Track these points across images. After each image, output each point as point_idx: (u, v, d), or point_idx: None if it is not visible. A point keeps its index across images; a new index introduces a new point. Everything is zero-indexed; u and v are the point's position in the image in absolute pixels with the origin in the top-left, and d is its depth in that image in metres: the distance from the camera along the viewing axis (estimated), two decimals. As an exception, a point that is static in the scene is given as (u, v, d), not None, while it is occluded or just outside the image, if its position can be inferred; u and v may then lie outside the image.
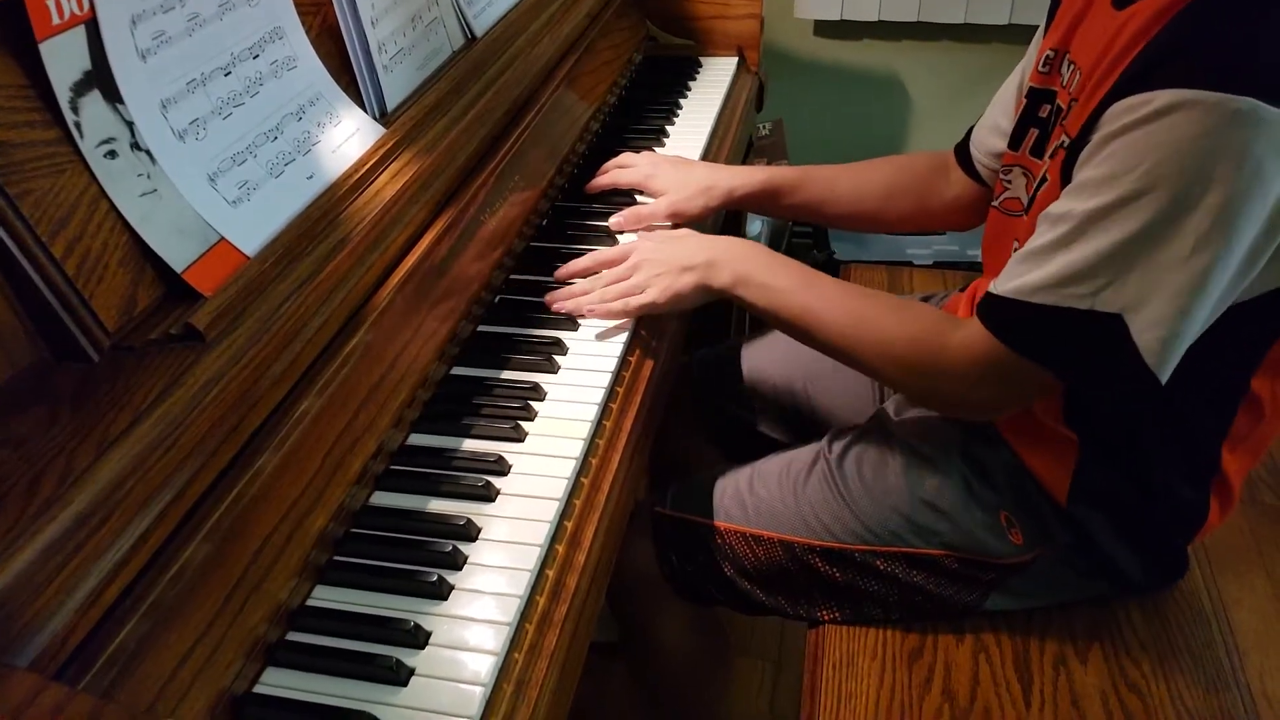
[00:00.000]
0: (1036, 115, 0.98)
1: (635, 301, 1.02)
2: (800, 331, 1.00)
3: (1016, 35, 2.18)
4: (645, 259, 1.04)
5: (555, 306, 1.05)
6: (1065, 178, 0.84)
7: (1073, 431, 0.96)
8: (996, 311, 0.86)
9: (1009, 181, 1.03)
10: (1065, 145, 0.86)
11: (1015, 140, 1.01)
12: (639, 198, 1.25)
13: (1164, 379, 0.80)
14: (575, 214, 1.24)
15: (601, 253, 1.10)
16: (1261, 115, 0.71)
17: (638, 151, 1.36)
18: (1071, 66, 0.91)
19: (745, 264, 1.02)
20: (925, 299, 1.30)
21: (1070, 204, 0.80)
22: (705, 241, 1.06)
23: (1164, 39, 0.77)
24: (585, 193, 1.26)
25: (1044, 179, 0.91)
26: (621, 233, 1.19)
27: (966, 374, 0.89)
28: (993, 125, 1.12)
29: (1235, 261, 0.77)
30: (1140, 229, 0.76)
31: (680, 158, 1.28)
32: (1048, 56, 0.96)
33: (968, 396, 0.92)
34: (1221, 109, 0.71)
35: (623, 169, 1.25)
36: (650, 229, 1.18)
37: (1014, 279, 0.85)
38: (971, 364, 0.89)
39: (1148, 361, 0.79)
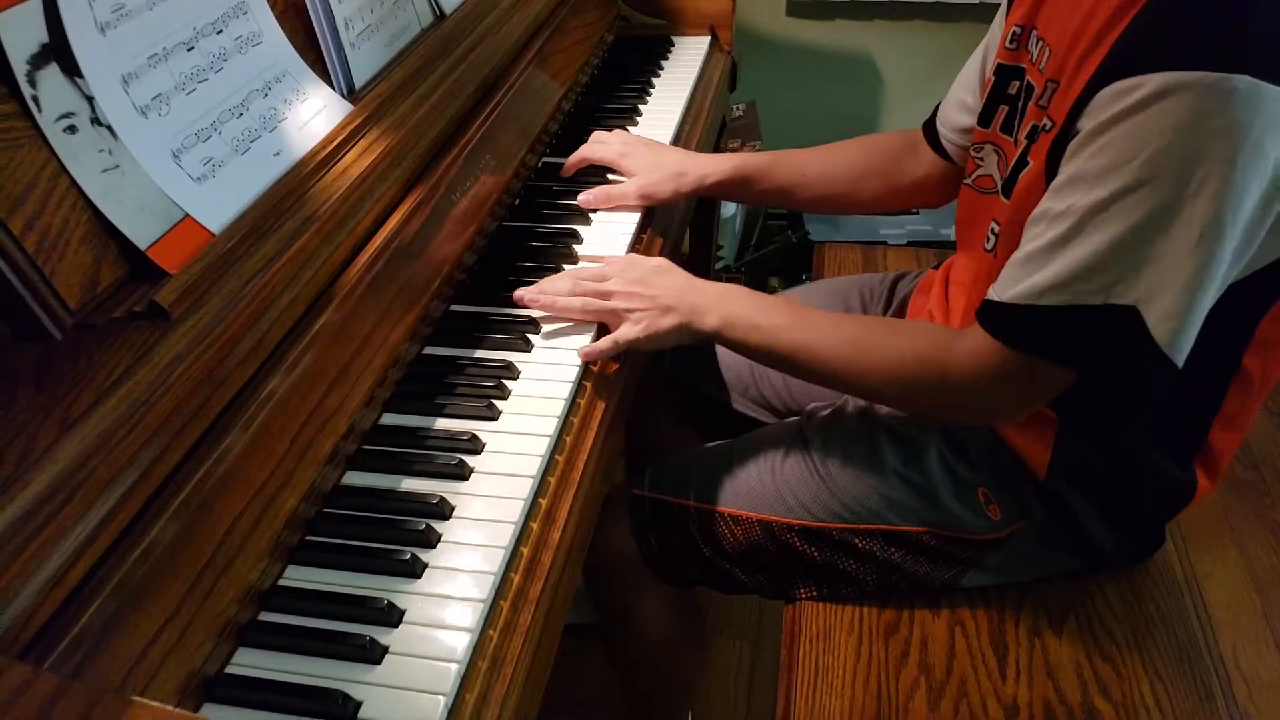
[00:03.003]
0: (1006, 92, 0.98)
1: (623, 337, 0.98)
2: (797, 366, 0.97)
3: (987, 14, 2.18)
4: (626, 289, 1.00)
5: (528, 301, 1.01)
6: (1051, 165, 0.82)
7: (1053, 409, 0.96)
8: (1003, 318, 0.84)
9: (980, 159, 1.03)
10: (1047, 129, 0.84)
11: (985, 117, 1.01)
12: (610, 177, 1.24)
13: (1180, 364, 0.79)
14: (548, 193, 1.23)
15: (580, 271, 1.05)
16: (1260, 92, 0.69)
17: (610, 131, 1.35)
18: (1040, 43, 0.91)
19: (731, 305, 0.98)
20: (899, 276, 1.30)
21: (1068, 199, 0.78)
22: (688, 283, 1.01)
23: (1148, 17, 0.75)
24: (560, 175, 1.25)
25: (1025, 161, 0.90)
26: (590, 209, 1.18)
27: (978, 385, 0.87)
28: (958, 102, 1.12)
29: (1235, 238, 0.75)
30: (1144, 219, 0.74)
31: (654, 140, 1.27)
32: (1014, 33, 0.96)
33: (980, 403, 0.90)
34: (1217, 89, 0.69)
35: (596, 144, 1.24)
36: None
37: (1018, 283, 0.82)
38: (982, 373, 0.86)
39: (1164, 349, 0.78)
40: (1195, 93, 0.69)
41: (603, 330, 1.02)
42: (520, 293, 1.02)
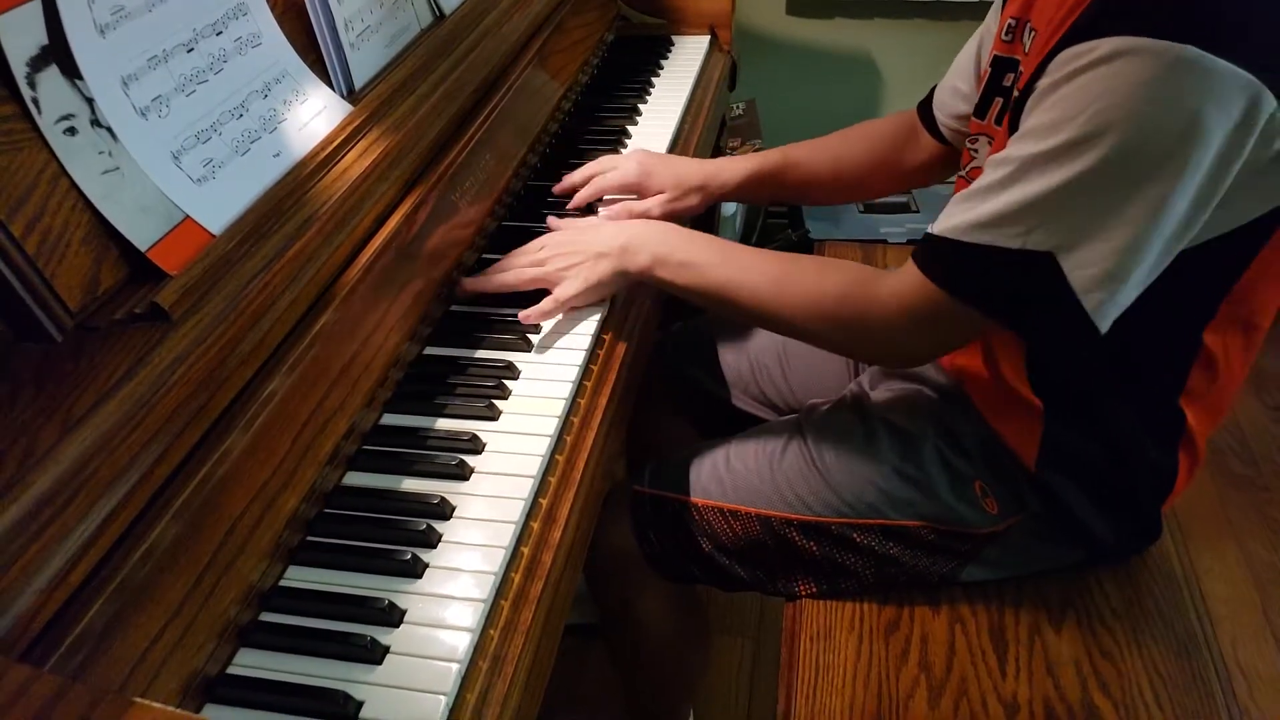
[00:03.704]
0: (1001, 84, 0.98)
1: (563, 294, 1.00)
2: (725, 304, 0.99)
3: (986, 13, 2.18)
4: (558, 251, 1.03)
5: (468, 288, 1.04)
6: (1013, 126, 0.84)
7: (1038, 397, 0.96)
8: (929, 251, 0.86)
9: (975, 150, 1.03)
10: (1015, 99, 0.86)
11: (980, 109, 1.01)
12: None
13: (1103, 328, 0.80)
14: (547, 193, 1.23)
15: (521, 251, 1.07)
16: (1205, 64, 0.70)
17: (611, 132, 1.36)
18: (1033, 34, 0.91)
19: (661, 244, 1.01)
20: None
21: (1013, 150, 0.80)
22: (617, 227, 1.05)
23: None
24: (569, 208, 1.20)
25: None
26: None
27: (897, 318, 0.89)
28: (952, 89, 1.13)
29: (1178, 210, 0.76)
30: (1079, 174, 0.76)
31: (665, 154, 1.25)
32: (1010, 25, 0.96)
33: (897, 340, 0.91)
34: (1165, 56, 0.70)
35: (607, 173, 1.19)
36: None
37: (948, 219, 0.84)
38: (903, 307, 0.88)
39: (1085, 307, 0.79)
40: (1144, 58, 0.71)
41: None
42: (462, 283, 1.04)
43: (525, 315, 1.00)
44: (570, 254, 1.02)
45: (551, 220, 1.13)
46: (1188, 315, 0.90)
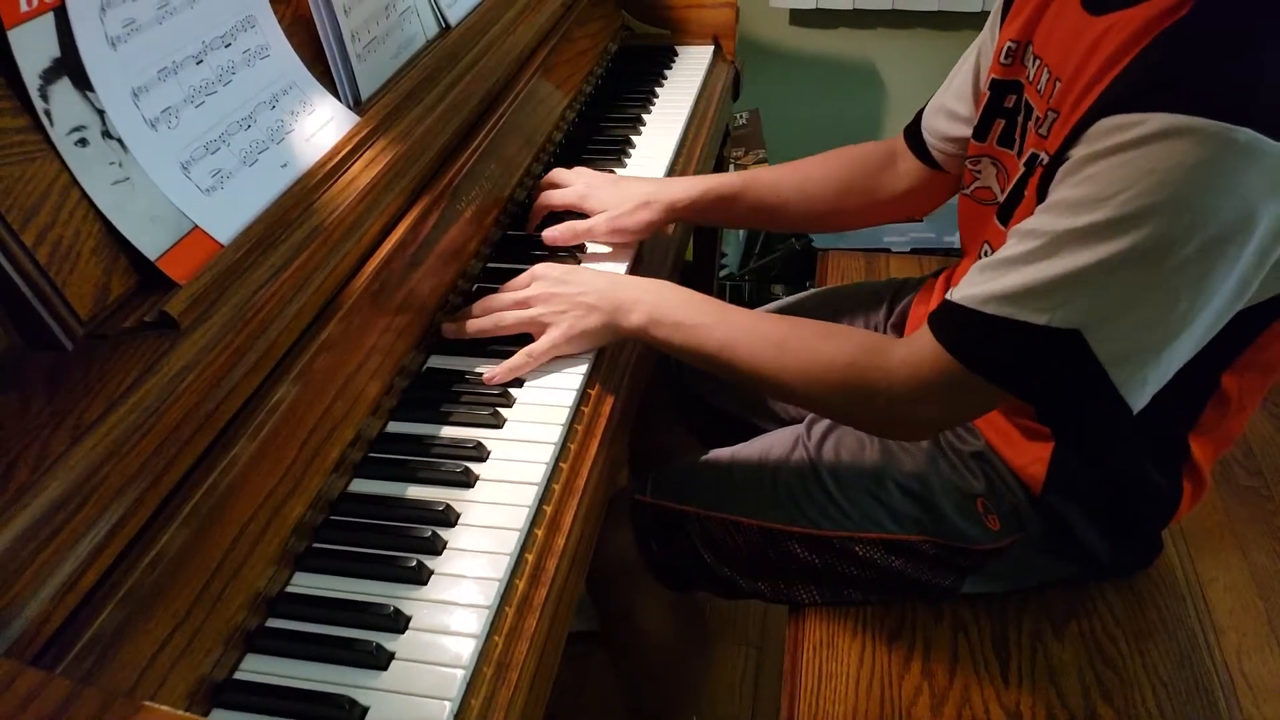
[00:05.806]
0: (1001, 106, 0.97)
1: (539, 348, 0.96)
2: (722, 367, 0.95)
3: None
4: (548, 293, 0.98)
5: (447, 332, 1.00)
6: (1042, 193, 0.79)
7: (1047, 426, 0.96)
8: (947, 319, 0.82)
9: (978, 171, 1.02)
10: (1044, 163, 0.82)
11: (980, 131, 1.00)
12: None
13: (1136, 406, 0.77)
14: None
15: (506, 287, 1.03)
16: (1261, 149, 0.67)
17: (615, 141, 1.36)
18: (1038, 61, 0.89)
19: (655, 303, 0.96)
20: (901, 283, 1.31)
21: (1043, 221, 0.76)
22: (613, 280, 1.01)
23: (1155, 57, 0.73)
24: (526, 230, 1.19)
25: (1020, 193, 0.88)
26: (560, 247, 1.14)
27: (908, 388, 0.84)
28: (947, 112, 1.09)
29: (1221, 292, 0.73)
30: (1115, 254, 0.71)
31: (616, 175, 1.22)
32: (1009, 48, 0.95)
33: (906, 412, 0.87)
34: (1219, 139, 0.67)
35: (554, 189, 1.18)
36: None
37: (970, 287, 0.81)
38: (914, 377, 0.84)
39: (1115, 382, 0.76)
40: (1197, 139, 0.67)
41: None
42: (444, 328, 1.00)
43: (489, 376, 0.95)
44: (559, 298, 0.98)
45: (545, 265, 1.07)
46: (1209, 360, 0.84)
